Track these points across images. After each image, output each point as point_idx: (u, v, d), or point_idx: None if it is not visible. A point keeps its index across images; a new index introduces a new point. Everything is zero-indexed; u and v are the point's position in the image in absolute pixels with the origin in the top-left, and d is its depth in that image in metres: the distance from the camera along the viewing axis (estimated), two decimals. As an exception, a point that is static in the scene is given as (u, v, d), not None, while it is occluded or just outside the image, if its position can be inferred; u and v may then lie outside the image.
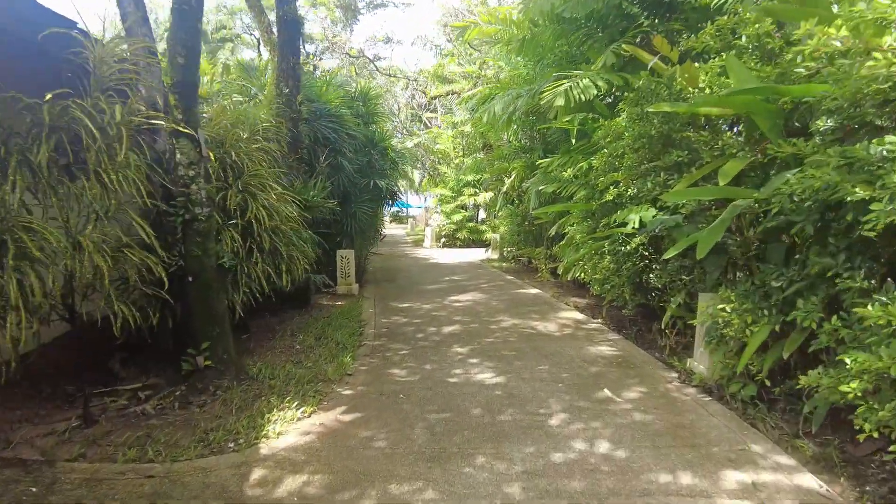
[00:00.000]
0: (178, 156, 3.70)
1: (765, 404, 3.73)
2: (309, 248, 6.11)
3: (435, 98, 17.39)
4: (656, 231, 3.84)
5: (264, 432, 3.50)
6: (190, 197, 3.80)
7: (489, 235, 19.11)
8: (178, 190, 3.78)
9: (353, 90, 10.61)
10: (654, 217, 3.75)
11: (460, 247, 20.09)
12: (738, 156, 3.45)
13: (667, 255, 3.60)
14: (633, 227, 3.88)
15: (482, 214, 21.73)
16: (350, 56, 19.28)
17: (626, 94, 5.57)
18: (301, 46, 10.06)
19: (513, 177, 10.15)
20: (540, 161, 7.48)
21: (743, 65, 3.37)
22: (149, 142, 3.98)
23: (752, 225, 3.52)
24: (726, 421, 3.60)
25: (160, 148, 3.96)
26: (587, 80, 5.74)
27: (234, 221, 4.58)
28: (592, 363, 4.94)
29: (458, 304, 7.91)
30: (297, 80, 7.35)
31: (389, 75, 19.87)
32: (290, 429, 3.57)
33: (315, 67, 21.02)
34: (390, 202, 10.85)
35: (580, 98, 5.69)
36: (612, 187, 5.53)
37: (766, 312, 3.37)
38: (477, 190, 19.53)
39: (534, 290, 9.22)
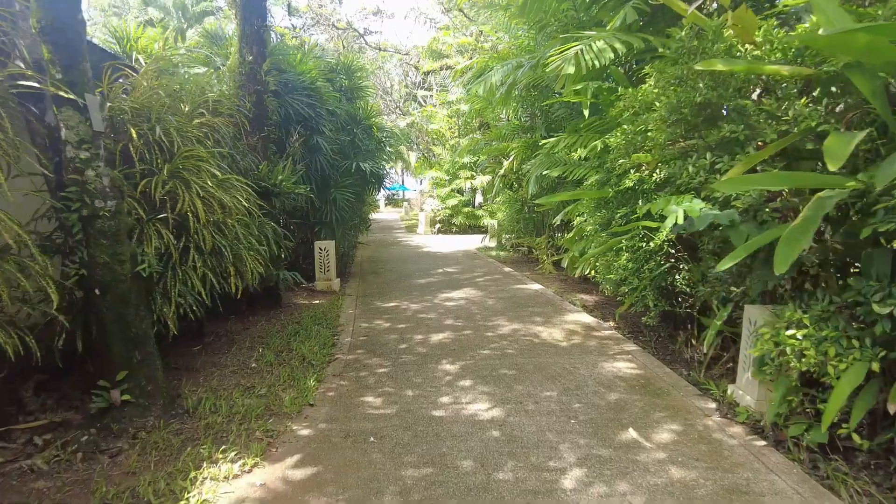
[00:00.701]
0: (65, 131, 2.76)
1: (839, 455, 2.88)
2: (272, 243, 5.20)
3: (428, 73, 16.32)
4: (700, 229, 2.95)
5: (184, 500, 2.64)
6: (86, 186, 2.88)
7: (487, 221, 18.20)
8: (70, 178, 2.85)
9: (335, 62, 9.57)
10: (701, 211, 2.86)
11: (456, 233, 19.19)
12: (834, 131, 2.54)
13: (722, 266, 2.70)
14: (676, 223, 2.99)
15: (479, 198, 20.78)
16: (337, 28, 18.08)
17: (650, 59, 4.64)
18: (287, 18, 9.01)
19: (511, 158, 9.21)
20: (543, 141, 6.55)
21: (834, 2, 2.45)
22: (37, 114, 3.04)
23: (840, 223, 2.63)
24: (794, 482, 2.75)
25: (53, 122, 3.02)
26: (602, 42, 4.78)
27: (163, 216, 3.66)
28: (610, 387, 4.07)
29: (450, 304, 7.03)
30: (262, 46, 6.35)
31: (380, 49, 18.71)
32: (219, 494, 2.71)
33: (303, 43, 19.83)
34: (378, 187, 9.89)
35: (593, 64, 4.73)
36: (632, 171, 4.62)
37: (858, 343, 2.50)
38: (473, 173, 18.54)
39: (535, 286, 8.34)
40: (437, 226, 19.55)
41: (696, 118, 3.36)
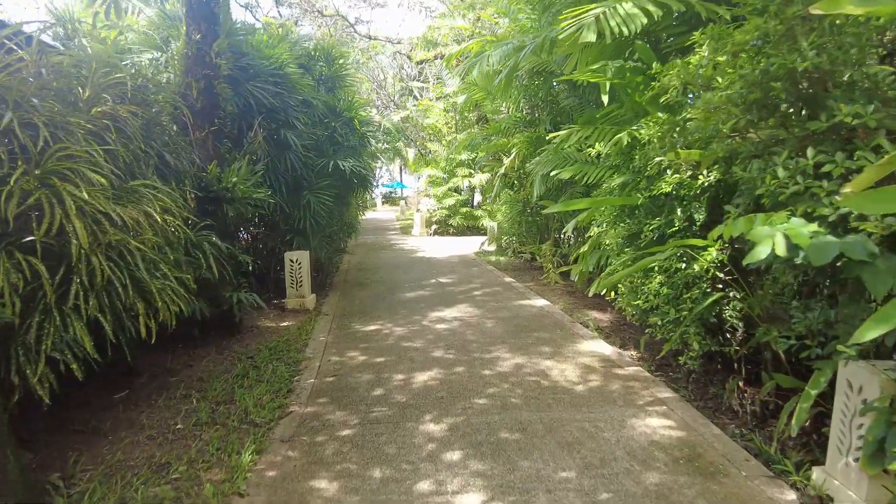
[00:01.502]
0: None
1: None
2: (211, 262, 4.19)
3: (421, 63, 15.28)
4: (818, 264, 1.92)
5: None
6: None
7: (486, 223, 17.20)
8: None
9: (313, 47, 8.54)
10: (814, 238, 1.87)
11: (453, 234, 18.20)
12: None
13: (866, 336, 1.69)
14: (778, 254, 1.97)
15: (478, 198, 19.77)
16: (324, 16, 17.00)
17: (684, 33, 3.63)
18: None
19: (513, 155, 8.19)
20: (551, 135, 5.54)
21: None
22: None
23: None
24: None
25: None
26: (630, 4, 3.77)
27: (28, 239, 2.64)
28: (646, 462, 3.06)
29: (441, 327, 6.02)
30: (213, 22, 5.32)
31: (370, 38, 17.65)
32: None
33: (289, 32, 18.77)
34: (363, 188, 8.87)
35: (619, 31, 3.73)
36: (668, 172, 3.61)
37: None
38: (472, 171, 17.52)
39: (540, 301, 7.33)
40: (434, 227, 18.55)
41: (790, 96, 2.35)
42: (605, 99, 4.57)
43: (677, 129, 3.38)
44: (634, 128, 4.03)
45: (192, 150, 4.85)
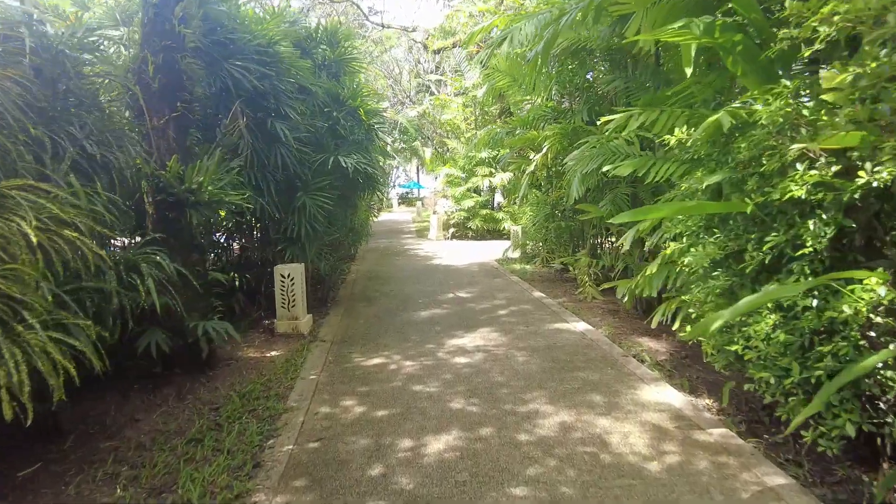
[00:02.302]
0: None
1: None
2: (150, 288, 3.14)
3: (438, 52, 14.20)
4: None
5: None
6: None
7: (507, 226, 16.06)
8: None
9: (314, 27, 7.50)
10: None
11: (472, 238, 17.08)
12: None
13: None
14: None
15: (499, 198, 18.62)
16: (334, 2, 15.99)
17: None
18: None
19: (545, 150, 7.04)
20: (603, 119, 4.38)
21: None
22: None
23: None
24: None
25: None
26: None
27: None
28: None
29: (461, 362, 4.91)
30: (177, -18, 4.29)
31: (383, 26, 16.61)
32: None
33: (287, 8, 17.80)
34: (370, 189, 7.79)
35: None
36: (799, 168, 2.46)
37: None
38: (492, 169, 16.40)
39: (579, 324, 6.17)
40: (451, 230, 17.46)
41: None
42: (688, 71, 3.40)
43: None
44: (737, 105, 2.87)
45: (140, 141, 3.81)
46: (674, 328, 4.20)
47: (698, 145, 3.27)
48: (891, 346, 2.36)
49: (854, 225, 2.52)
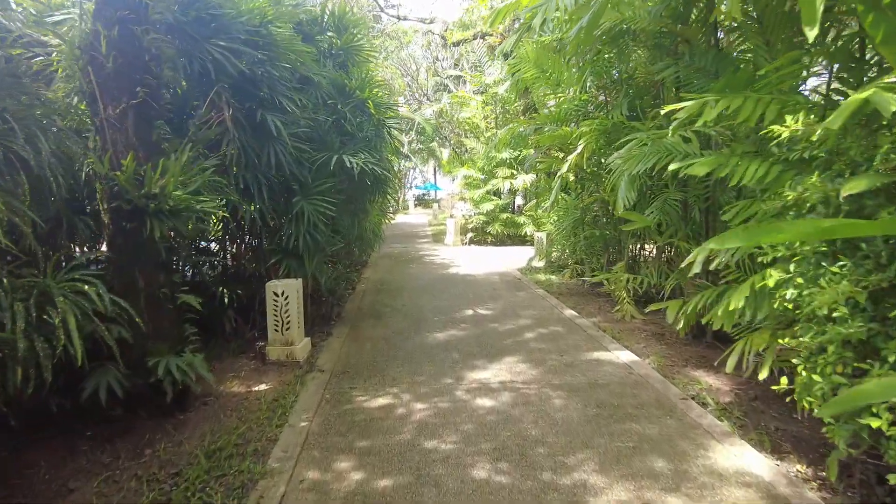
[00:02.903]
0: None
1: None
2: (70, 332, 2.37)
3: (458, 44, 13.39)
4: None
5: None
6: None
7: (530, 231, 15.17)
8: None
9: (319, 11, 6.73)
10: None
11: (492, 244, 16.21)
12: None
13: None
14: None
15: (519, 201, 17.73)
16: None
17: None
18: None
19: (580, 149, 6.17)
20: (668, 107, 3.49)
21: None
22: None
23: None
24: None
25: None
26: None
27: None
28: None
29: (483, 405, 4.06)
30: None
31: (399, 18, 15.83)
32: None
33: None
34: (379, 193, 6.98)
35: None
36: None
37: None
38: (514, 171, 15.53)
39: (622, 353, 5.29)
40: (469, 235, 16.61)
41: None
42: (811, 34, 2.52)
43: None
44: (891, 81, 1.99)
45: (93, 135, 3.04)
46: (760, 376, 3.31)
47: (816, 140, 2.39)
48: None
49: None
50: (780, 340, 2.90)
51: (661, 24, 5.46)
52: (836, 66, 3.14)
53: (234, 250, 5.66)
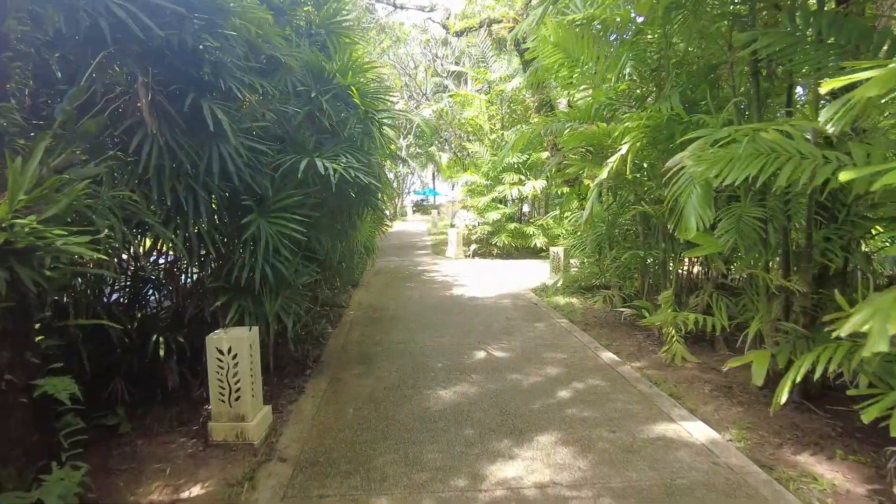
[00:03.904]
0: None
1: None
2: None
3: (462, 33, 12.11)
4: None
5: None
6: None
7: (540, 243, 13.87)
8: None
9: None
10: None
11: (498, 256, 14.90)
12: None
13: None
14: None
15: (525, 208, 16.43)
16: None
17: None
18: None
19: (625, 149, 4.84)
20: (828, 83, 2.21)
21: None
22: None
23: None
24: None
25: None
26: None
27: None
28: None
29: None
30: None
31: (396, 6, 14.52)
32: None
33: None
34: (366, 206, 5.62)
35: None
36: None
37: None
38: (522, 176, 14.23)
39: (693, 425, 3.94)
40: (473, 246, 15.29)
41: None
42: None
43: None
44: None
45: None
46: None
47: None
48: None
49: None
50: None
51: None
52: None
53: (170, 287, 4.31)
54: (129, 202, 2.94)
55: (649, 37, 5.88)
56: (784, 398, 3.44)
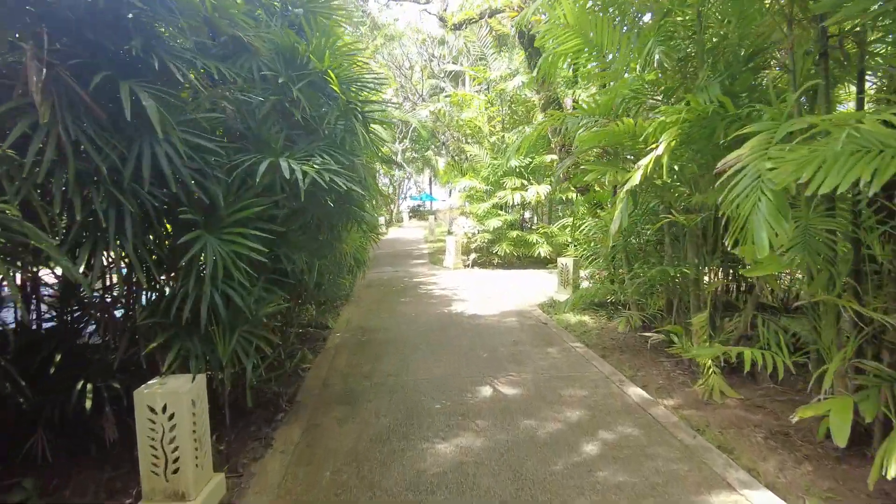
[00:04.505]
0: None
1: None
2: None
3: (460, 26, 11.34)
4: None
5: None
6: None
7: (544, 251, 13.09)
8: None
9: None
10: None
11: (499, 266, 14.10)
12: None
13: None
14: None
15: (527, 214, 15.66)
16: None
17: None
18: None
19: (661, 148, 4.04)
20: None
21: None
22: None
23: None
24: None
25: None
26: None
27: None
28: None
29: None
30: None
31: (388, -1, 13.67)
32: None
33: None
34: (348, 217, 4.80)
35: None
36: None
37: None
38: (525, 181, 13.46)
39: (759, 497, 3.13)
40: (472, 255, 14.48)
41: None
42: None
43: None
44: None
45: None
46: None
47: None
48: None
49: None
50: None
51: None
52: None
53: (102, 320, 3.47)
54: (6, 218, 2.13)
55: (679, 19, 5.11)
56: (894, 470, 2.65)
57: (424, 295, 10.17)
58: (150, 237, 3.04)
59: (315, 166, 3.40)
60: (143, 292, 3.21)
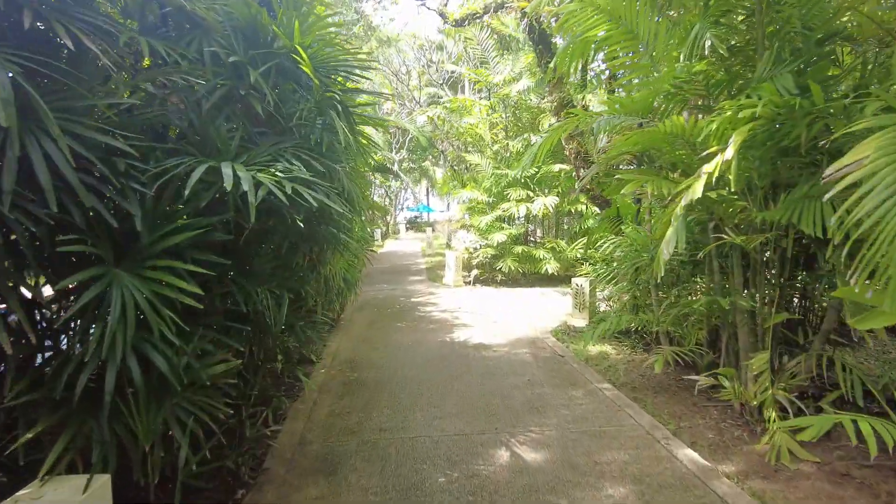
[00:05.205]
0: None
1: None
2: None
3: (462, 22, 10.54)
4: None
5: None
6: None
7: (552, 267, 12.22)
8: None
9: None
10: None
11: (503, 283, 13.22)
12: None
13: None
14: None
15: (534, 229, 14.79)
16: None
17: None
18: None
19: (730, 152, 3.18)
20: None
21: None
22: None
23: None
24: None
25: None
26: None
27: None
28: None
29: None
30: None
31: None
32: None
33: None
34: (332, 243, 3.90)
35: None
36: None
37: None
38: (530, 192, 12.62)
39: None
40: (474, 272, 13.58)
41: None
42: None
43: None
44: None
45: None
46: None
47: None
48: None
49: None
50: None
51: None
52: None
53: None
54: None
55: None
56: None
57: (423, 319, 9.24)
58: (24, 276, 2.14)
59: (275, 173, 2.51)
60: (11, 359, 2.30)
